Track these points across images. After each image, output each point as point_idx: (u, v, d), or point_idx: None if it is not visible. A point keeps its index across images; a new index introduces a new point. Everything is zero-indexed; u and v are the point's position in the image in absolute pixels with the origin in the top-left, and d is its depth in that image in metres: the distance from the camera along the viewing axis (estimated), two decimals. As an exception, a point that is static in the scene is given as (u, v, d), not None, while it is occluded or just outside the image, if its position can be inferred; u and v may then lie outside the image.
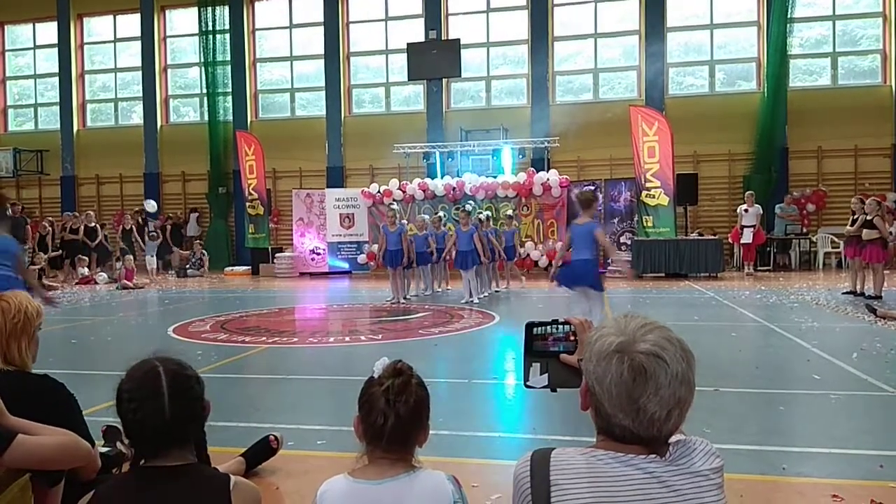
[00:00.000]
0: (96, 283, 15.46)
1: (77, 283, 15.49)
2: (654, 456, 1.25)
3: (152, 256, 16.86)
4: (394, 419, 1.62)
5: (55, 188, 21.22)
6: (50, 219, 17.64)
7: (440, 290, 12.53)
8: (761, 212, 14.63)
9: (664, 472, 1.23)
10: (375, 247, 11.35)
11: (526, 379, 1.58)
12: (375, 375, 1.69)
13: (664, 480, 1.22)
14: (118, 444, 3.00)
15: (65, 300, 12.07)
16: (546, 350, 1.57)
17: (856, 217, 10.45)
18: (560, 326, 1.59)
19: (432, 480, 1.66)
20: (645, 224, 14.67)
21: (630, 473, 1.22)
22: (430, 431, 1.73)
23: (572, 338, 1.57)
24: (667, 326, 1.29)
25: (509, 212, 13.56)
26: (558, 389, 1.59)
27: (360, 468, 1.67)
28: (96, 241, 16.80)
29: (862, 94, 16.46)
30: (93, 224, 16.82)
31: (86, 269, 15.75)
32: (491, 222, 12.59)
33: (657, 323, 1.29)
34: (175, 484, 1.57)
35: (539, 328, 1.59)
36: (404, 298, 11.37)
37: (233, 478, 1.64)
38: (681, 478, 1.23)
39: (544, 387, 1.58)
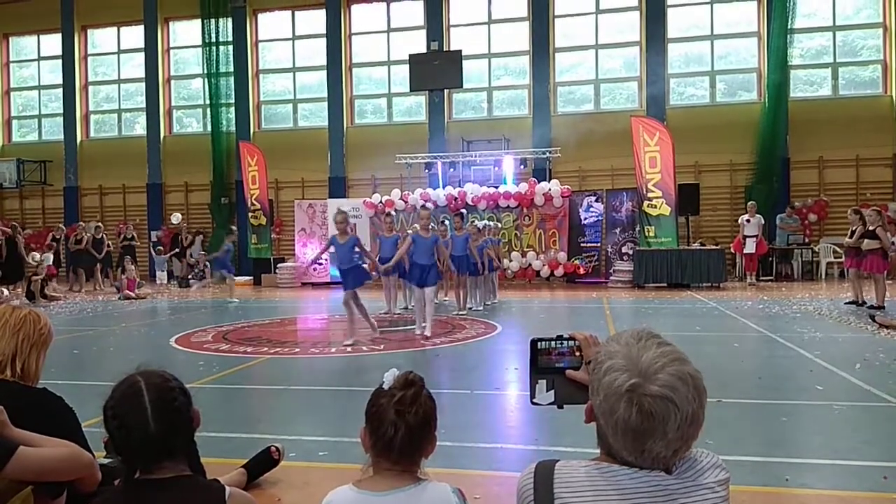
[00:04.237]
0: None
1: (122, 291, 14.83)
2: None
3: (163, 271, 16.84)
4: (404, 431, 1.61)
5: (58, 199, 21.27)
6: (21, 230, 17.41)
7: (438, 300, 12.48)
8: (763, 222, 14.62)
9: (669, 485, 1.23)
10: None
11: (532, 396, 1.57)
12: (385, 386, 1.68)
13: (669, 493, 1.22)
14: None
15: (67, 310, 12.09)
16: (551, 366, 1.56)
17: (854, 228, 10.44)
18: (564, 342, 1.58)
19: (438, 493, 1.66)
20: (647, 234, 14.67)
21: (635, 487, 1.22)
22: (433, 442, 1.73)
23: (577, 353, 1.55)
24: (683, 357, 1.23)
25: (479, 223, 12.20)
26: (564, 406, 1.58)
27: (366, 479, 1.66)
28: (103, 253, 16.84)
29: (863, 105, 16.49)
30: (100, 235, 16.85)
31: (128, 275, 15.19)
32: (490, 233, 12.48)
33: (674, 351, 1.23)
34: (169, 495, 1.57)
35: (543, 343, 1.58)
36: (405, 308, 11.35)
37: (228, 488, 1.64)
38: (686, 491, 1.23)
39: (550, 403, 1.57)
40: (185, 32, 20.89)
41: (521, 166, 16.58)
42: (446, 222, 11.62)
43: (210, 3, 19.62)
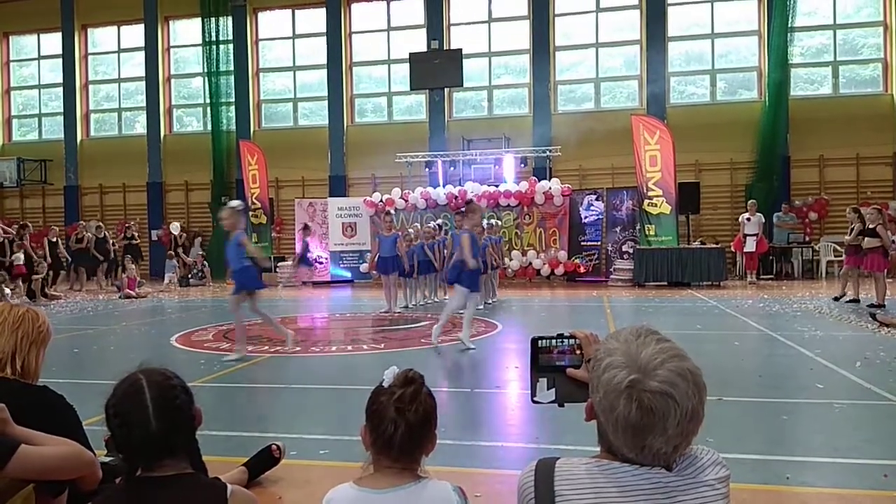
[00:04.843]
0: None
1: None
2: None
3: (172, 272, 16.83)
4: (404, 428, 1.61)
5: (59, 198, 21.27)
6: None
7: (438, 299, 12.49)
8: (763, 220, 14.62)
9: (670, 482, 1.23)
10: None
11: (533, 394, 1.57)
12: (385, 384, 1.68)
13: (670, 490, 1.22)
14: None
15: (67, 309, 12.09)
16: (552, 364, 1.56)
17: (852, 227, 10.44)
18: (565, 340, 1.58)
19: (438, 491, 1.66)
20: (647, 233, 14.67)
21: (635, 483, 1.22)
22: (433, 440, 1.72)
23: (578, 351, 1.55)
24: (682, 353, 1.23)
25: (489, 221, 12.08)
26: (565, 404, 1.58)
27: (366, 477, 1.67)
28: (108, 253, 16.78)
29: (863, 103, 16.47)
30: (102, 234, 16.81)
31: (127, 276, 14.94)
32: (491, 231, 12.47)
33: (673, 347, 1.23)
34: (170, 493, 1.57)
35: (544, 342, 1.58)
36: (405, 307, 11.35)
37: (230, 486, 1.64)
38: (687, 488, 1.23)
39: (551, 402, 1.57)
40: (186, 31, 20.88)
41: (522, 165, 16.57)
42: (442, 222, 11.69)
43: (210, 1, 19.61)
